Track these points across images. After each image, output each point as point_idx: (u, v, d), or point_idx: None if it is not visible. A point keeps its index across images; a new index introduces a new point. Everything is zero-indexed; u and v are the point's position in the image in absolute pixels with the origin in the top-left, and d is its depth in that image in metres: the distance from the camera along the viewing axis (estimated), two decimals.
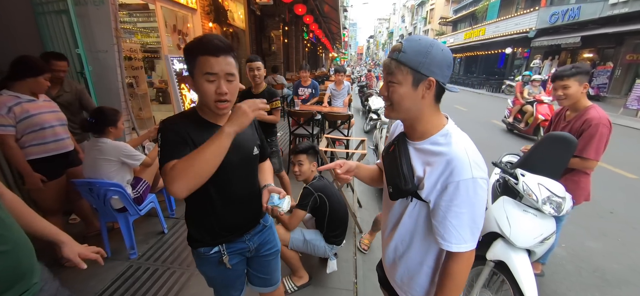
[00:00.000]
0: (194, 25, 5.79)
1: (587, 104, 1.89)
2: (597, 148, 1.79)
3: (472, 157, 0.84)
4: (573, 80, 1.89)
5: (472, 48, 23.24)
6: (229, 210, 1.12)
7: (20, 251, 0.85)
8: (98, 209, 2.19)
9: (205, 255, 1.14)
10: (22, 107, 1.89)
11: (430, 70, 0.84)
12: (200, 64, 0.93)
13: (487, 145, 5.98)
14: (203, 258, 1.15)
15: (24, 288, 0.85)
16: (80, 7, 2.99)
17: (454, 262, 0.89)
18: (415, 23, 44.84)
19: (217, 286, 1.28)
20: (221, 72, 0.94)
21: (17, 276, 0.84)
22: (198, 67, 0.93)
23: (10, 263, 0.81)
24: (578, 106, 1.92)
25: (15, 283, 0.83)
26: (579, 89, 1.88)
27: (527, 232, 1.69)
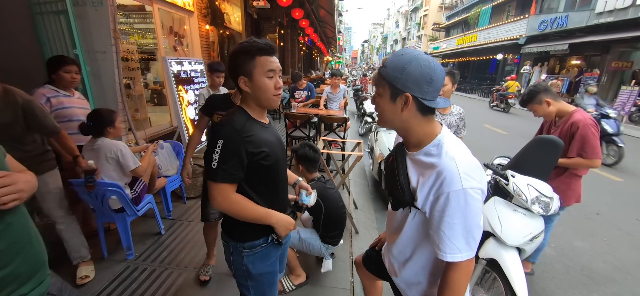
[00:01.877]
0: (190, 27, 5.81)
1: (569, 109, 2.00)
2: (594, 147, 1.89)
3: (463, 168, 0.84)
4: (532, 105, 2.07)
5: (465, 54, 23.67)
6: (280, 197, 1.25)
7: (38, 243, 0.93)
8: (95, 209, 2.19)
9: (262, 246, 1.19)
10: (58, 99, 2.17)
11: (406, 86, 0.86)
12: (261, 63, 1.04)
13: (480, 148, 6.10)
14: (260, 250, 1.19)
15: (42, 278, 0.92)
16: (78, 7, 2.99)
17: (451, 271, 0.90)
18: (409, 28, 45.45)
19: (267, 283, 1.25)
20: (277, 69, 1.08)
21: (39, 263, 0.92)
22: (259, 66, 1.04)
23: (35, 251, 0.90)
24: (561, 113, 2.03)
25: (38, 269, 0.91)
26: (543, 107, 2.04)
27: (517, 231, 1.76)
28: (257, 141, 1.07)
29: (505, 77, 18.55)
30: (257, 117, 1.14)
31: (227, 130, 1.04)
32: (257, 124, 1.11)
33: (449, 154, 0.88)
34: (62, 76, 2.17)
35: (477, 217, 0.87)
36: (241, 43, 1.07)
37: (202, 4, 5.97)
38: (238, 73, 1.07)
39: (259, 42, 1.05)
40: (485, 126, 8.70)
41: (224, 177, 1.03)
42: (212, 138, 1.05)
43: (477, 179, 0.86)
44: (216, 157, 1.01)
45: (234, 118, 1.08)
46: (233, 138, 1.03)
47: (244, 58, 1.04)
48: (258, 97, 1.09)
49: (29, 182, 0.88)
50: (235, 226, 1.16)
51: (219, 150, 1.01)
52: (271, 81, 1.07)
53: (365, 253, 1.53)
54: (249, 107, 1.13)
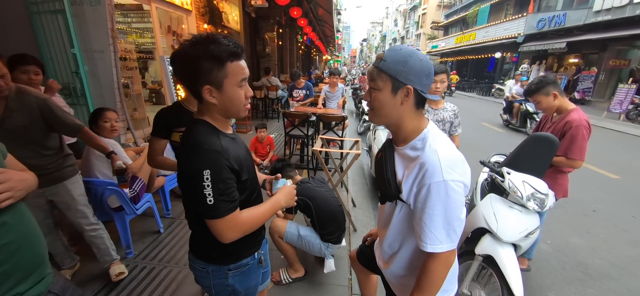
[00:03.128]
0: (188, 26, 5.80)
1: (569, 107, 2.01)
2: (580, 148, 1.90)
3: (445, 161, 0.86)
4: (539, 95, 2.05)
5: (463, 52, 23.70)
6: None
7: (38, 242, 0.92)
8: (95, 208, 2.19)
9: (249, 264, 1.12)
10: None
11: (408, 79, 0.89)
12: (233, 71, 0.88)
13: (478, 146, 6.13)
14: (246, 269, 1.11)
15: (42, 275, 0.91)
16: (76, 7, 2.99)
17: (430, 261, 0.92)
18: (408, 27, 45.44)
19: (252, 294, 1.21)
20: (247, 76, 0.94)
21: (37, 263, 0.90)
22: (231, 75, 0.88)
23: (34, 250, 0.89)
24: (561, 109, 2.03)
25: (35, 268, 0.90)
26: (549, 99, 2.02)
27: (513, 227, 1.78)
28: (236, 160, 0.94)
29: (503, 75, 18.64)
30: (224, 129, 0.99)
31: (208, 155, 0.86)
32: (227, 138, 0.96)
33: (432, 147, 0.90)
34: (18, 77, 1.93)
35: (458, 210, 0.89)
36: (204, 44, 0.85)
37: (200, 3, 5.95)
38: (201, 82, 0.87)
39: (229, 45, 0.87)
40: (483, 124, 8.73)
41: (229, 208, 0.90)
42: (191, 168, 0.86)
43: (460, 173, 0.88)
44: (209, 192, 0.85)
45: (205, 138, 0.90)
46: (219, 162, 0.87)
47: (211, 65, 0.85)
48: (227, 109, 0.94)
49: (25, 181, 0.86)
50: (215, 249, 1.03)
51: (209, 184, 0.85)
52: (242, 90, 0.93)
53: (358, 247, 1.55)
54: (213, 119, 0.96)
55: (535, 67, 15.12)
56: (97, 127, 2.08)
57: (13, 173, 0.82)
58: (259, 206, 1.05)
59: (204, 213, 0.89)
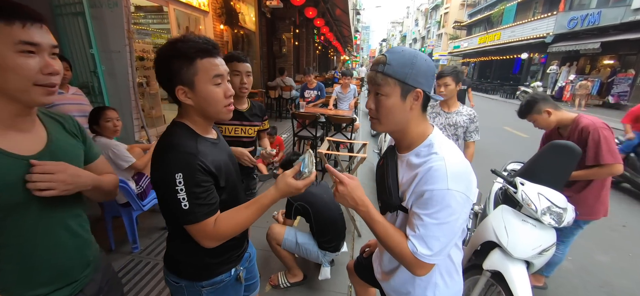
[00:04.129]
0: (205, 27, 5.94)
1: (571, 116, 1.88)
2: (610, 150, 1.74)
3: (451, 169, 0.81)
4: (532, 115, 1.96)
5: (487, 53, 22.79)
6: None
7: (83, 240, 0.89)
8: (103, 203, 2.27)
9: (225, 281, 1.05)
10: None
11: (417, 81, 0.84)
12: (204, 68, 0.85)
13: (496, 151, 5.85)
14: (221, 286, 1.05)
15: (77, 277, 0.87)
16: (95, 9, 3.12)
17: (412, 267, 0.87)
18: (429, 27, 44.35)
19: None
20: (225, 72, 0.90)
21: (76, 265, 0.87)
22: (202, 72, 0.85)
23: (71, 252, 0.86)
24: (563, 122, 1.91)
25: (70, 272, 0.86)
26: (543, 117, 1.93)
27: (525, 243, 1.66)
28: (215, 165, 0.90)
29: (530, 77, 17.75)
30: (204, 133, 0.94)
31: (180, 157, 0.82)
32: (207, 142, 0.92)
33: (439, 154, 0.85)
34: None
35: (456, 224, 0.83)
36: (173, 43, 0.84)
37: (217, 4, 6.08)
38: (174, 83, 0.85)
39: (198, 41, 0.84)
40: (505, 128, 8.32)
41: (206, 212, 0.85)
42: (162, 172, 0.83)
43: (465, 185, 0.83)
44: (184, 196, 0.81)
45: (179, 140, 0.86)
46: (192, 165, 0.83)
47: (180, 63, 0.83)
48: (204, 109, 0.90)
49: (77, 177, 0.80)
50: (188, 264, 0.98)
51: (182, 187, 0.81)
52: (219, 88, 0.89)
53: (356, 258, 1.49)
54: (192, 121, 0.92)
55: (565, 69, 14.27)
56: (99, 126, 2.11)
57: (67, 168, 0.78)
58: (243, 206, 0.93)
59: (180, 219, 0.85)
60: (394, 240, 0.88)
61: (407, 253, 0.85)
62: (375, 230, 0.91)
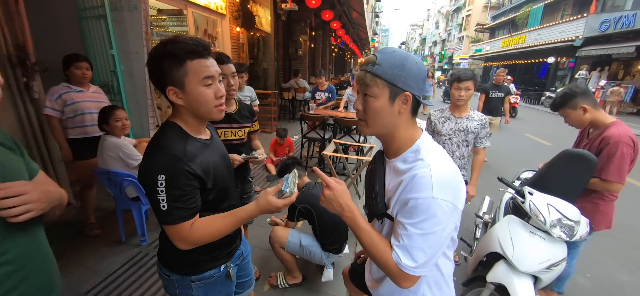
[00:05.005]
0: (222, 29, 6.11)
1: (607, 121, 1.72)
2: (619, 169, 1.61)
3: (437, 177, 0.78)
4: (565, 109, 1.80)
5: (510, 56, 21.92)
6: None
7: (51, 267, 0.85)
8: (116, 197, 2.38)
9: (214, 276, 1.07)
10: (69, 95, 2.31)
11: (407, 84, 0.81)
12: (194, 69, 0.86)
13: (515, 159, 5.60)
14: (211, 281, 1.06)
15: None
16: (116, 12, 3.29)
17: (396, 278, 0.84)
18: (450, 29, 43.27)
19: None
20: (216, 74, 0.90)
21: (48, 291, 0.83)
22: (192, 73, 0.86)
23: (45, 278, 0.82)
24: (598, 123, 1.74)
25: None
26: (577, 114, 1.76)
27: (532, 256, 1.57)
28: (203, 167, 0.90)
29: (557, 82, 16.89)
30: (196, 133, 0.95)
31: (165, 159, 0.84)
32: (197, 143, 0.93)
33: (425, 160, 0.82)
34: (73, 72, 2.31)
35: (442, 234, 0.79)
36: (164, 44, 0.85)
37: (233, 7, 6.23)
38: (165, 83, 0.86)
39: (188, 42, 0.85)
40: (527, 136, 7.95)
41: (183, 216, 0.86)
42: (146, 171, 0.85)
43: (452, 193, 0.79)
44: (163, 198, 0.82)
45: (167, 142, 0.87)
46: (175, 168, 0.84)
47: (170, 64, 0.84)
48: (196, 110, 0.91)
49: (48, 193, 0.76)
50: (177, 259, 1.01)
51: (163, 189, 0.82)
52: (210, 89, 0.89)
53: (351, 265, 1.47)
54: (184, 122, 0.93)
55: (595, 74, 13.47)
56: (108, 125, 2.19)
57: (37, 185, 0.74)
58: (221, 215, 0.94)
59: (158, 219, 0.87)
60: (378, 249, 0.85)
61: (392, 263, 0.82)
62: (360, 237, 0.88)
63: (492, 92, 4.85)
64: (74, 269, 2.14)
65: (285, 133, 4.31)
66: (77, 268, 2.15)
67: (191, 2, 4.90)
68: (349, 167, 3.29)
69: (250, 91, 3.33)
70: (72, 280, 2.04)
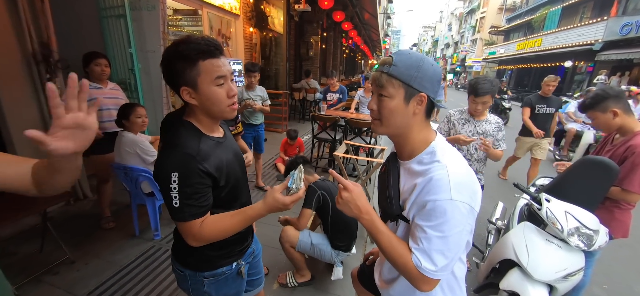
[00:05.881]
0: (236, 29, 6.19)
1: (636, 128, 1.64)
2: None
3: (455, 178, 0.78)
4: (594, 111, 1.73)
5: (526, 60, 21.40)
6: None
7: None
8: (131, 192, 2.44)
9: (226, 273, 1.09)
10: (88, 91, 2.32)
11: (422, 85, 0.82)
12: (206, 69, 0.87)
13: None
14: (222, 278, 1.09)
15: None
16: (135, 12, 3.37)
17: (416, 281, 0.83)
18: (463, 32, 42.58)
19: None
20: (228, 73, 0.92)
21: None
22: (204, 73, 0.87)
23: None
24: (626, 130, 1.67)
25: None
26: (606, 117, 1.69)
27: (548, 264, 1.54)
28: (216, 165, 0.92)
29: (573, 86, 16.39)
30: (209, 131, 0.97)
31: (178, 158, 0.86)
32: (211, 141, 0.95)
33: (441, 162, 0.82)
34: (93, 69, 2.40)
35: (461, 236, 0.80)
36: (176, 44, 0.86)
37: (247, 7, 6.31)
38: (178, 83, 0.88)
39: (200, 43, 0.85)
40: None
41: (194, 213, 0.88)
42: (161, 168, 0.87)
43: (469, 195, 0.79)
44: (175, 195, 0.85)
45: (181, 140, 0.89)
46: (189, 166, 0.86)
47: (183, 65, 0.85)
48: (209, 109, 0.92)
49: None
50: (190, 255, 1.03)
51: (175, 186, 0.84)
52: (222, 89, 0.90)
53: (359, 266, 1.47)
54: (197, 120, 0.95)
55: (615, 79, 12.98)
56: (128, 122, 2.25)
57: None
58: (230, 213, 0.97)
59: (171, 215, 0.89)
60: (397, 252, 0.85)
61: (411, 266, 0.82)
62: (379, 240, 0.88)
63: (540, 106, 3.82)
64: (90, 260, 2.21)
65: (296, 134, 4.33)
66: (93, 259, 2.22)
67: (206, 3, 4.99)
68: (359, 168, 3.28)
69: (261, 91, 3.37)
70: (89, 270, 2.11)
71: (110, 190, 2.66)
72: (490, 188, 4.03)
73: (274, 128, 6.51)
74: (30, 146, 2.61)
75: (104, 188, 2.62)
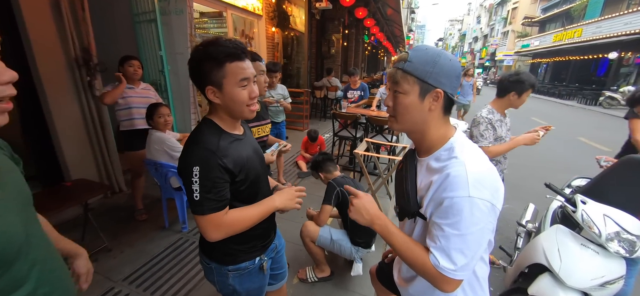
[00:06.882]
0: (258, 29, 6.33)
1: None
2: None
3: (473, 175, 0.76)
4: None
5: (563, 52, 19.92)
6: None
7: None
8: (161, 186, 2.59)
9: (249, 268, 1.13)
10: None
11: (438, 81, 0.80)
12: (232, 71, 0.91)
13: (565, 166, 5.10)
14: (245, 272, 1.13)
15: None
16: (165, 16, 3.56)
17: (435, 281, 0.82)
18: (493, 24, 40.44)
19: (255, 294, 1.22)
20: (251, 75, 0.96)
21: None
22: (230, 75, 0.91)
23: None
24: None
25: None
26: None
27: (582, 270, 1.44)
28: (235, 161, 0.96)
29: (618, 80, 15.06)
30: (230, 129, 1.01)
31: (200, 153, 0.90)
32: (231, 138, 0.99)
33: (459, 158, 0.80)
34: (126, 69, 2.55)
35: (481, 234, 0.77)
36: (205, 46, 0.91)
37: (269, 8, 6.42)
38: (205, 82, 0.93)
39: (227, 45, 0.90)
40: (581, 139, 7.20)
41: (213, 207, 0.92)
42: (184, 163, 0.92)
43: (489, 192, 0.76)
44: (196, 188, 0.89)
45: (203, 137, 0.94)
46: (209, 161, 0.90)
47: (211, 66, 0.90)
48: (231, 109, 0.97)
49: None
50: (215, 249, 1.07)
51: (197, 179, 0.88)
52: (245, 90, 0.94)
53: (378, 264, 1.46)
54: (219, 118, 1.00)
55: None
56: (153, 121, 2.38)
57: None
58: (249, 207, 1.02)
59: (191, 208, 0.93)
60: (414, 253, 0.85)
61: (430, 267, 0.81)
62: (394, 243, 0.89)
63: None
64: (124, 249, 2.38)
65: (316, 134, 4.35)
66: (128, 249, 2.39)
67: (230, 4, 5.14)
68: (380, 166, 3.25)
69: (283, 89, 3.43)
70: (124, 258, 2.27)
71: (142, 184, 2.84)
72: (520, 189, 3.82)
73: (295, 126, 6.59)
74: (74, 140, 2.86)
75: (137, 183, 2.80)
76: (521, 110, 2.00)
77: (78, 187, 2.35)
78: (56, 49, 2.63)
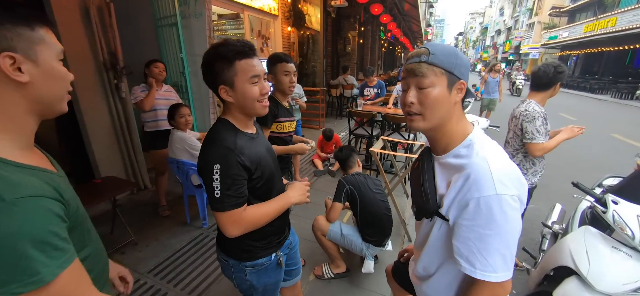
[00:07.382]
0: (275, 29, 6.41)
1: None
2: None
3: (497, 172, 0.73)
4: None
5: (595, 43, 18.70)
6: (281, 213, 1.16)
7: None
8: (183, 183, 2.70)
9: (266, 264, 1.15)
10: (145, 93, 2.67)
11: (461, 73, 0.80)
12: (242, 68, 0.95)
13: (596, 164, 4.82)
14: (262, 268, 1.15)
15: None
16: (185, 20, 3.69)
17: (479, 291, 0.79)
18: (518, 15, 38.58)
19: (271, 290, 1.24)
20: (261, 72, 0.99)
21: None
22: (240, 73, 0.95)
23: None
24: None
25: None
26: None
27: (613, 274, 1.36)
28: (252, 158, 0.99)
29: None
30: (244, 128, 1.04)
31: (219, 151, 0.94)
32: (245, 137, 1.02)
33: (480, 155, 0.78)
34: (152, 70, 2.67)
35: (516, 230, 0.75)
36: (215, 47, 0.95)
37: (285, 8, 6.48)
38: (217, 82, 0.96)
39: (236, 45, 0.93)
40: (614, 136, 6.75)
41: (233, 204, 0.95)
42: (204, 161, 0.95)
43: (515, 186, 0.74)
44: (217, 185, 0.92)
45: (221, 135, 0.98)
46: (229, 159, 0.93)
47: (222, 65, 0.94)
48: (243, 105, 1.00)
49: None
50: (233, 245, 1.09)
51: (217, 177, 0.92)
52: (256, 87, 0.98)
53: (394, 263, 1.45)
54: (233, 118, 1.03)
55: None
56: (174, 121, 2.48)
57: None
58: (266, 203, 1.06)
59: (211, 204, 0.96)
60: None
61: (482, 285, 0.78)
62: None
63: None
64: (149, 243, 2.50)
65: (332, 133, 4.36)
66: (152, 242, 2.51)
67: (247, 6, 5.24)
68: (397, 165, 3.21)
69: (298, 88, 3.46)
70: (149, 252, 2.39)
71: (166, 181, 2.97)
72: (546, 189, 3.65)
73: (311, 125, 6.63)
74: (103, 140, 3.03)
75: (161, 180, 2.93)
76: (550, 105, 1.90)
77: (107, 184, 2.49)
78: (86, 54, 2.79)
